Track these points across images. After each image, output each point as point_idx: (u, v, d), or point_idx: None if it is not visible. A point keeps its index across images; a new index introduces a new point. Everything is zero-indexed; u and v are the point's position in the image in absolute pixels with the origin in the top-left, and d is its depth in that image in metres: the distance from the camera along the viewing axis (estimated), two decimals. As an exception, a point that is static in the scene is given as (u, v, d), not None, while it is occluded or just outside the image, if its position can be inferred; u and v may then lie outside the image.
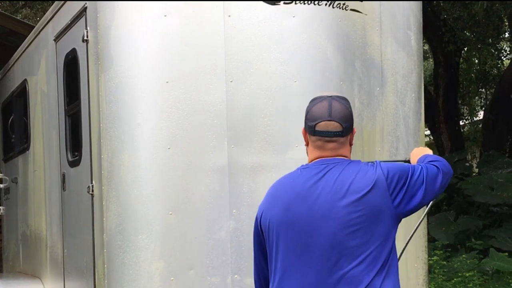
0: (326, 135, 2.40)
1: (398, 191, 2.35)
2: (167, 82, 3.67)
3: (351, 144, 2.50)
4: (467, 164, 11.65)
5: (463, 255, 8.23)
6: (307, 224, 2.31)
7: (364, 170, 2.36)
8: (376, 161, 2.44)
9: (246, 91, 3.69)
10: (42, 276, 5.42)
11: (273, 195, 2.43)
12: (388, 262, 2.32)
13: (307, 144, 2.48)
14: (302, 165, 2.46)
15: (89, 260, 4.08)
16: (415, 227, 3.07)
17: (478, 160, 12.78)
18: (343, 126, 2.41)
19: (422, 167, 2.45)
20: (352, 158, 3.93)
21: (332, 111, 2.40)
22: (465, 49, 12.63)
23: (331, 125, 2.39)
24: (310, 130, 2.42)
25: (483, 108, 16.74)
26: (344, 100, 2.46)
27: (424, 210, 2.88)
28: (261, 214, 2.44)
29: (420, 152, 2.72)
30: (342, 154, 2.44)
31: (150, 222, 3.66)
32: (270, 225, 2.38)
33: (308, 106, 2.47)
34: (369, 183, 2.31)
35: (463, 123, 16.33)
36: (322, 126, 2.39)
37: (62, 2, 4.66)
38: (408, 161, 2.80)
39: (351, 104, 3.84)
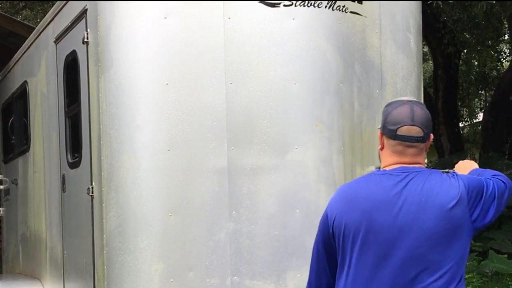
0: (408, 140, 2.35)
1: (476, 206, 2.33)
2: (167, 83, 3.67)
3: (426, 151, 2.46)
4: (467, 166, 11.61)
5: (463, 257, 8.22)
6: (389, 233, 2.27)
7: (447, 183, 2.32)
8: (454, 172, 2.41)
9: (246, 93, 3.69)
10: (42, 277, 5.42)
11: (351, 199, 2.36)
12: (463, 277, 2.31)
13: (382, 148, 2.43)
14: (378, 170, 2.42)
15: (88, 262, 4.08)
16: None
17: (477, 161, 12.78)
18: (424, 132, 2.37)
19: (493, 182, 2.41)
20: (352, 160, 3.94)
21: (415, 116, 2.35)
22: (465, 51, 12.63)
23: (413, 130, 2.35)
24: (391, 134, 2.37)
25: (483, 110, 16.76)
26: (423, 106, 2.43)
27: None
28: (335, 217, 2.37)
29: (467, 166, 2.67)
30: (420, 161, 2.40)
31: (150, 223, 3.66)
32: (346, 230, 2.33)
33: (386, 110, 2.43)
34: (454, 197, 2.28)
35: (462, 125, 16.35)
36: (404, 130, 2.35)
37: (63, 3, 4.67)
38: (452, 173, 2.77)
39: (351, 106, 3.89)
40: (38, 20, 12.56)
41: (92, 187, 3.99)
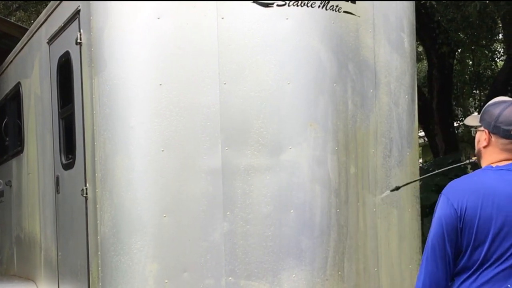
0: None
1: None
2: (160, 84, 3.67)
3: None
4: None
5: (458, 256, 8.22)
6: None
7: None
8: None
9: (240, 93, 3.69)
10: (37, 279, 5.41)
11: (480, 194, 2.46)
12: None
13: (486, 145, 2.54)
14: (489, 167, 2.53)
15: (83, 263, 4.08)
16: None
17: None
18: None
19: None
20: (346, 160, 3.94)
21: None
22: (459, 50, 12.64)
23: None
24: (505, 133, 2.48)
25: (477, 110, 16.78)
26: None
27: None
28: (465, 211, 2.46)
29: None
30: None
31: (144, 224, 3.65)
32: (480, 223, 2.43)
33: (493, 110, 2.53)
34: None
35: (457, 124, 16.35)
36: None
37: (56, 4, 4.66)
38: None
39: (345, 106, 3.89)
40: (32, 21, 12.52)
41: (86, 188, 3.98)
